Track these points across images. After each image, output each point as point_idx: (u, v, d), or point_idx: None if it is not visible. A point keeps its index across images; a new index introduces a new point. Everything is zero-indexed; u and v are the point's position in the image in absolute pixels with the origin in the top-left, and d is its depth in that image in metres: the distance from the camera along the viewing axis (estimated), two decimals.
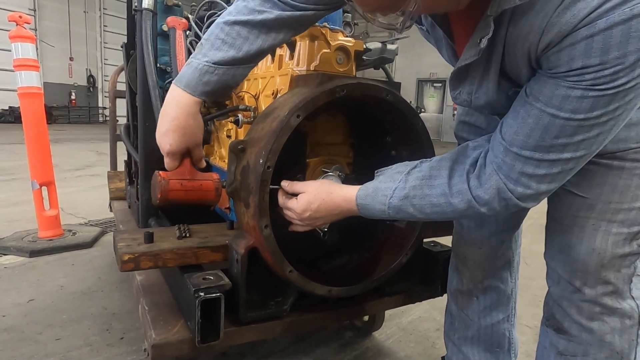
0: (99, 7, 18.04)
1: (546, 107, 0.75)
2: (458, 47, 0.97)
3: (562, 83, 0.73)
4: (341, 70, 1.28)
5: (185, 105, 1.04)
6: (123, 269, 1.06)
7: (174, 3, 1.69)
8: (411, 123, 1.23)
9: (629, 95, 0.70)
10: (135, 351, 1.65)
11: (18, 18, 2.59)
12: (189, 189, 1.08)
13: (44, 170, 2.82)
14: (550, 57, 0.73)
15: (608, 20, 0.65)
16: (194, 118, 1.07)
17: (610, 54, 0.66)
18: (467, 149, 0.94)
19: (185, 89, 1.04)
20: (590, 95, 0.70)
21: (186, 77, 1.04)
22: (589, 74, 0.69)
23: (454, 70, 0.92)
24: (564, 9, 0.68)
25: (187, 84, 1.03)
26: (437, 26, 0.98)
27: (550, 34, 0.70)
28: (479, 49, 0.81)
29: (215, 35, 1.03)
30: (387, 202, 0.96)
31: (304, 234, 1.14)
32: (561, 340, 1.02)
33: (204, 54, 1.02)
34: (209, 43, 1.03)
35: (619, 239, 0.91)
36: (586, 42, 0.67)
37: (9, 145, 8.30)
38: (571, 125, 0.74)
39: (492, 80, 0.87)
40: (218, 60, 1.01)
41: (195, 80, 1.03)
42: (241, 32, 1.02)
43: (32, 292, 2.11)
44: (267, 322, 1.15)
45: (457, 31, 0.95)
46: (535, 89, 0.77)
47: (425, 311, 2.12)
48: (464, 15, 0.84)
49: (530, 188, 0.82)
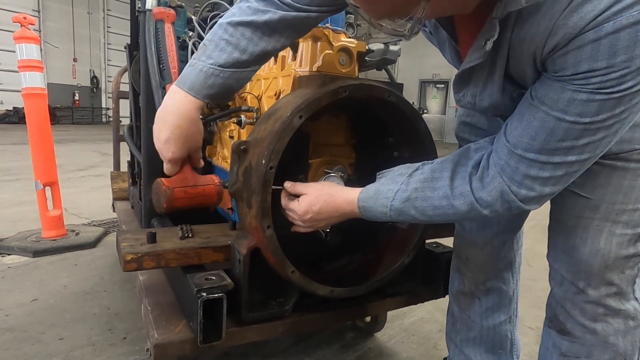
0: (103, 8, 18.10)
1: (551, 110, 0.75)
2: (462, 50, 0.96)
3: (567, 86, 0.72)
4: (344, 71, 1.28)
5: (187, 112, 1.03)
6: (126, 269, 1.07)
7: (177, 4, 1.69)
8: (413, 124, 1.22)
9: (635, 99, 0.70)
10: (137, 351, 1.66)
11: (22, 19, 2.61)
12: (193, 196, 1.09)
13: (48, 170, 2.83)
14: (557, 59, 0.72)
15: (616, 24, 0.64)
16: (196, 125, 1.06)
17: (618, 57, 0.66)
18: (469, 151, 0.94)
19: (190, 92, 1.02)
20: (597, 99, 0.70)
21: (190, 80, 1.02)
22: (595, 77, 0.69)
23: (458, 72, 0.92)
24: (571, 12, 0.67)
25: (191, 86, 1.02)
26: (440, 28, 0.97)
27: (556, 37, 0.70)
28: (484, 52, 0.80)
29: (219, 36, 1.02)
30: (388, 205, 0.96)
31: (306, 235, 1.14)
32: (564, 341, 1.01)
33: (208, 56, 1.01)
34: (213, 44, 1.02)
35: (624, 240, 0.91)
36: (593, 45, 0.67)
37: (12, 145, 8.34)
38: (576, 129, 0.74)
39: (497, 82, 0.86)
40: (223, 63, 1.01)
41: (200, 83, 1.01)
42: (245, 32, 1.01)
43: (36, 292, 2.12)
44: (269, 322, 1.15)
45: (461, 33, 0.95)
46: (540, 91, 0.77)
47: (427, 312, 2.11)
48: (468, 18, 0.84)
49: (534, 190, 0.82)
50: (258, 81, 1.51)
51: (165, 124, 1.05)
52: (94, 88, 18.40)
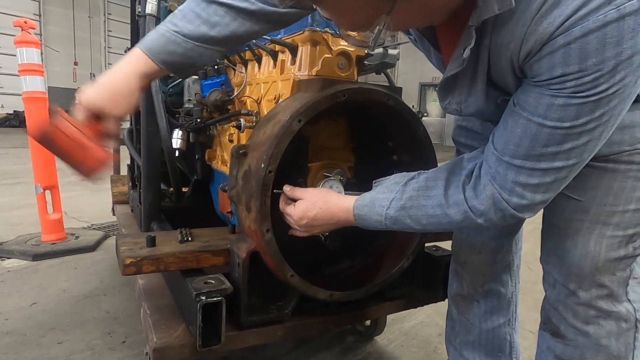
0: (104, 12, 18.15)
1: (532, 116, 0.75)
2: (445, 57, 0.97)
3: (545, 92, 0.73)
4: (343, 75, 1.28)
5: (131, 70, 0.96)
6: (125, 272, 1.07)
7: (177, 8, 1.70)
8: (412, 128, 1.23)
9: (613, 101, 0.70)
10: (136, 355, 1.66)
11: (23, 23, 2.62)
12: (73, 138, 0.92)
13: (48, 174, 2.84)
14: (533, 65, 0.73)
15: (583, 28, 0.65)
16: (129, 85, 0.97)
17: (588, 60, 0.66)
18: (462, 161, 0.94)
19: (146, 52, 0.97)
20: (574, 103, 0.70)
21: (149, 41, 0.98)
22: (569, 81, 0.69)
23: (442, 81, 0.92)
24: (541, 18, 0.68)
25: (149, 47, 0.97)
26: (424, 38, 0.98)
27: (529, 43, 0.71)
28: (463, 59, 0.81)
29: (189, 8, 0.99)
30: (384, 213, 0.96)
31: (305, 239, 1.14)
32: (558, 344, 1.01)
33: (174, 24, 0.98)
34: (181, 13, 0.99)
35: (614, 242, 0.91)
36: (564, 49, 0.67)
37: (13, 149, 8.34)
38: (558, 134, 0.74)
39: (480, 89, 0.87)
40: (187, 33, 0.98)
41: (159, 46, 0.98)
42: (218, 11, 0.99)
43: (35, 296, 2.12)
44: (269, 326, 1.15)
45: (443, 42, 0.96)
46: (521, 98, 0.78)
47: (427, 316, 2.11)
48: (448, 27, 0.84)
49: (525, 198, 0.82)
50: (257, 85, 1.51)
51: (105, 73, 0.97)
52: None
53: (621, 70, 0.67)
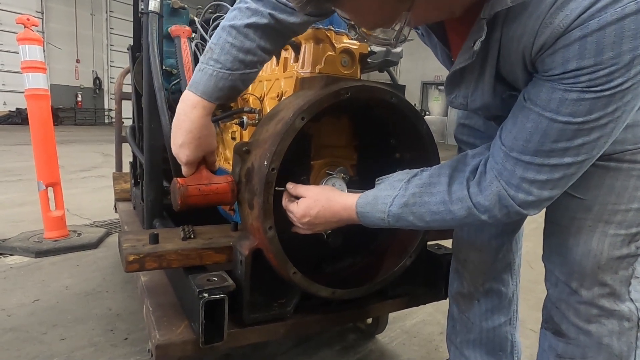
0: (106, 9, 18.18)
1: (544, 111, 0.75)
2: (453, 52, 0.97)
3: (558, 86, 0.72)
4: (346, 72, 1.28)
5: (198, 117, 1.06)
6: (128, 269, 1.07)
7: (180, 6, 1.70)
8: (415, 126, 1.23)
9: (626, 96, 0.70)
10: (139, 352, 1.66)
11: (26, 21, 2.62)
12: (207, 193, 1.11)
13: (50, 171, 2.84)
14: (545, 59, 0.72)
15: (600, 21, 0.64)
16: (207, 128, 1.09)
17: (605, 54, 0.66)
18: (466, 157, 0.94)
19: (203, 96, 1.05)
20: (587, 98, 0.70)
21: (202, 84, 1.05)
22: (584, 75, 0.68)
23: (449, 74, 0.92)
24: (557, 10, 0.67)
25: (204, 90, 1.05)
26: (431, 32, 0.98)
27: (543, 36, 0.70)
28: (473, 52, 0.80)
29: (224, 39, 1.04)
30: (386, 210, 0.96)
31: (307, 236, 1.14)
32: (559, 343, 1.01)
33: (216, 60, 1.04)
34: (219, 47, 1.04)
35: (616, 241, 0.90)
36: (579, 43, 0.67)
37: (15, 146, 8.36)
38: (570, 129, 0.73)
39: (488, 83, 0.87)
40: (231, 66, 1.03)
41: (211, 87, 1.04)
42: (248, 34, 1.03)
43: (37, 293, 2.13)
44: (271, 323, 1.15)
45: (452, 37, 0.95)
46: (532, 92, 0.77)
47: (429, 314, 2.11)
48: (458, 21, 0.84)
49: (532, 194, 0.81)
50: (260, 82, 1.51)
51: (179, 129, 1.08)
52: (96, 89, 18.45)
53: (637, 65, 0.66)
